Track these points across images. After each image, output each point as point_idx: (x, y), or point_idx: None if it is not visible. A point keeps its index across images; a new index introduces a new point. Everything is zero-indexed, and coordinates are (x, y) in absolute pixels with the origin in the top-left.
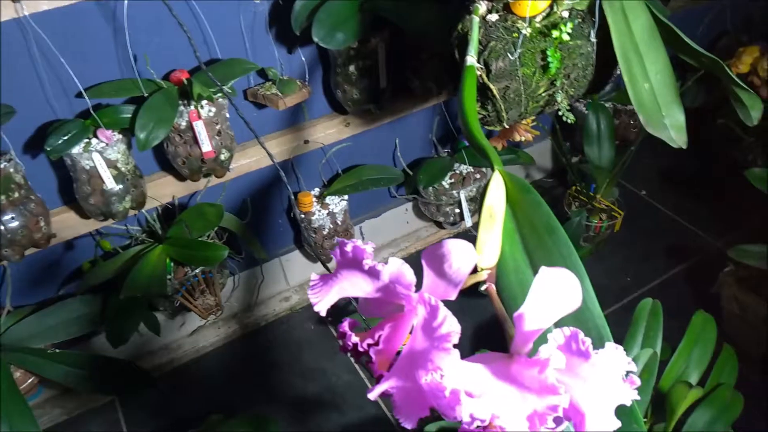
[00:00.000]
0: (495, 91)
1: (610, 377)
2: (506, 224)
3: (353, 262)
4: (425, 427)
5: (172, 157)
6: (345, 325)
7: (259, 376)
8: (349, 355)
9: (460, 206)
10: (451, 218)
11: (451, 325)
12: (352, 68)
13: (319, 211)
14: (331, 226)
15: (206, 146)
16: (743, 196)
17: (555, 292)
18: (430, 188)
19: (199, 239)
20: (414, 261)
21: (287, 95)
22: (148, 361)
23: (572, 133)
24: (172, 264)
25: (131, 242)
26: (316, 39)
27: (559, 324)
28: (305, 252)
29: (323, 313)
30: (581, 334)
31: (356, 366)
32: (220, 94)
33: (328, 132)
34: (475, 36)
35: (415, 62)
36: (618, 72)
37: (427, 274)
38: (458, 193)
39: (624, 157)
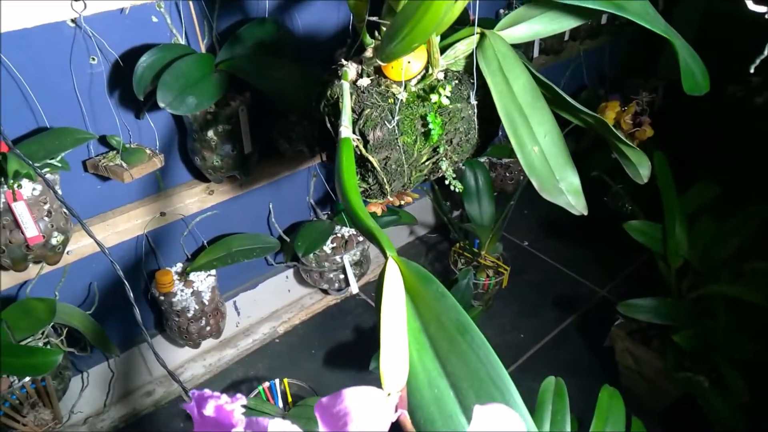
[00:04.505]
0: (375, 163)
1: None
2: (410, 323)
3: (217, 427)
4: None
5: None
6: None
7: None
8: None
9: (344, 271)
10: (336, 285)
11: None
12: (210, 133)
13: (182, 290)
14: (197, 306)
15: (31, 231)
16: (619, 242)
17: None
18: (311, 255)
19: (23, 344)
20: (299, 334)
21: (133, 166)
22: None
23: (451, 191)
24: None
25: None
26: (162, 105)
27: None
28: (169, 336)
29: None
30: None
31: None
32: (47, 169)
33: (188, 202)
34: (347, 103)
35: (283, 124)
36: (500, 132)
37: None
38: (341, 258)
39: (504, 212)
